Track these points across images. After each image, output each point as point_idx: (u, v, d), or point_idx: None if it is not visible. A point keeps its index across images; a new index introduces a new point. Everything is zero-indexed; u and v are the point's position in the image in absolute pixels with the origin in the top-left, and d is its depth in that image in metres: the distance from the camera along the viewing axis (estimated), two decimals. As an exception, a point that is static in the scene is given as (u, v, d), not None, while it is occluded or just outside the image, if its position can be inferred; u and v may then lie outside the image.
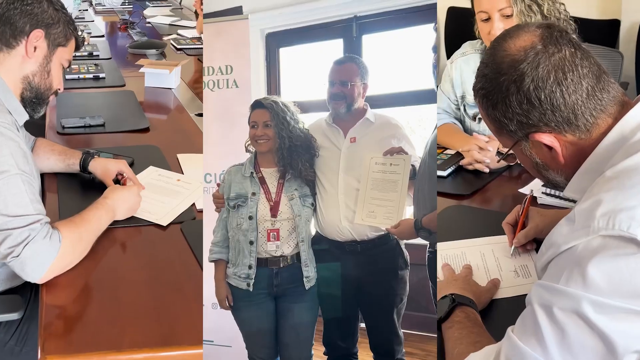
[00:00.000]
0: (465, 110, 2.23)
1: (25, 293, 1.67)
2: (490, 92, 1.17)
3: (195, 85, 3.05)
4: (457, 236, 1.63)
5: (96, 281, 1.49)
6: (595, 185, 1.07)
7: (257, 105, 1.70)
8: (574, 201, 1.71)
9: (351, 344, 1.70)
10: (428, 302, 1.60)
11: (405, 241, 1.67)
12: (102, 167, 1.90)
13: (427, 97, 1.73)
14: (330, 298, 1.65)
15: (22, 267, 1.40)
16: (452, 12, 3.96)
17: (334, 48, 2.03)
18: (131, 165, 2.00)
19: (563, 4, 2.02)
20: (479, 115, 2.15)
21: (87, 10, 4.95)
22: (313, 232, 1.69)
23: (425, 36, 1.66)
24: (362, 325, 1.70)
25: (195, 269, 1.51)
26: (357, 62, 1.73)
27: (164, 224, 1.70)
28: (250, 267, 1.60)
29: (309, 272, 1.63)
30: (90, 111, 2.54)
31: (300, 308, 1.63)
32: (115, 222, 1.67)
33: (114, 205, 1.66)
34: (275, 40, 2.15)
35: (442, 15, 4.04)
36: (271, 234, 1.61)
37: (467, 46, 2.24)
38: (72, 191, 1.90)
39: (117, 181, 1.86)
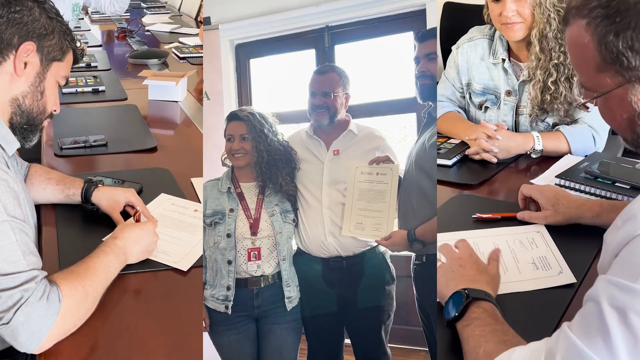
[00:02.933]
0: (470, 98, 2.18)
1: (20, 357, 1.41)
2: (618, 13, 0.97)
3: (201, 97, 2.84)
4: (464, 226, 1.58)
5: (105, 347, 1.24)
6: None
7: (233, 117, 1.64)
8: (589, 193, 1.67)
9: (337, 364, 1.65)
10: (410, 315, 1.56)
11: (389, 254, 1.62)
12: (108, 198, 1.67)
13: (403, 107, 1.68)
14: (314, 317, 1.60)
15: (14, 336, 1.16)
16: (448, 7, 3.92)
17: (306, 58, 1.99)
18: (139, 192, 1.79)
19: None
20: (486, 104, 2.12)
21: (82, 19, 4.77)
22: (294, 248, 1.64)
23: (400, 45, 1.60)
24: (347, 341, 1.65)
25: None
26: (338, 72, 1.68)
27: (185, 268, 1.46)
28: (228, 288, 1.54)
29: (291, 292, 1.57)
30: (91, 129, 2.36)
31: (283, 329, 1.57)
32: (126, 267, 1.44)
33: (126, 248, 1.43)
34: (246, 51, 2.12)
35: (438, 11, 4.02)
36: (252, 253, 1.56)
37: (474, 31, 2.18)
38: (73, 224, 1.68)
39: (124, 213, 1.65)
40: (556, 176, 1.78)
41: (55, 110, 1.55)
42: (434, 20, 1.92)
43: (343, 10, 1.93)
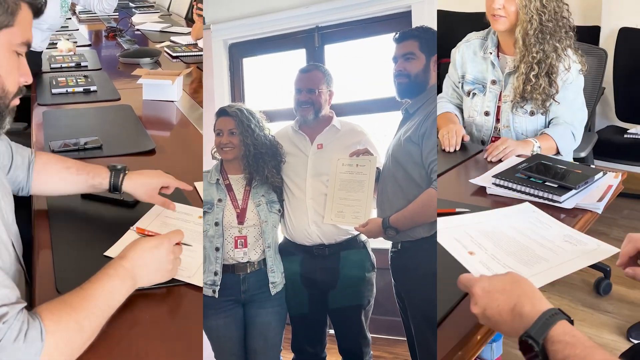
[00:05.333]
0: (462, 87, 2.51)
1: None
2: None
3: (195, 95, 2.87)
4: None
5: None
6: None
7: (222, 113, 1.72)
8: (521, 191, 1.78)
9: (320, 349, 1.72)
10: (394, 305, 1.62)
11: (371, 245, 1.70)
12: (144, 184, 1.52)
13: (388, 105, 1.75)
14: (298, 303, 1.68)
15: None
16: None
17: (297, 58, 2.06)
18: (137, 202, 1.66)
19: None
20: (473, 91, 2.48)
21: (70, 18, 4.75)
22: (280, 239, 1.72)
23: (388, 45, 1.68)
24: (331, 332, 1.72)
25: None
26: (322, 70, 1.77)
27: (200, 283, 1.33)
28: (216, 273, 1.61)
29: (275, 278, 1.65)
30: (84, 130, 2.26)
31: (268, 314, 1.64)
32: None
33: (135, 270, 1.20)
34: (239, 51, 2.18)
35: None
36: (238, 241, 1.64)
37: (471, 35, 2.55)
38: (71, 233, 1.55)
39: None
40: (493, 176, 1.88)
41: (25, 81, 1.25)
42: (428, 21, 2.01)
43: (332, 12, 2.01)
